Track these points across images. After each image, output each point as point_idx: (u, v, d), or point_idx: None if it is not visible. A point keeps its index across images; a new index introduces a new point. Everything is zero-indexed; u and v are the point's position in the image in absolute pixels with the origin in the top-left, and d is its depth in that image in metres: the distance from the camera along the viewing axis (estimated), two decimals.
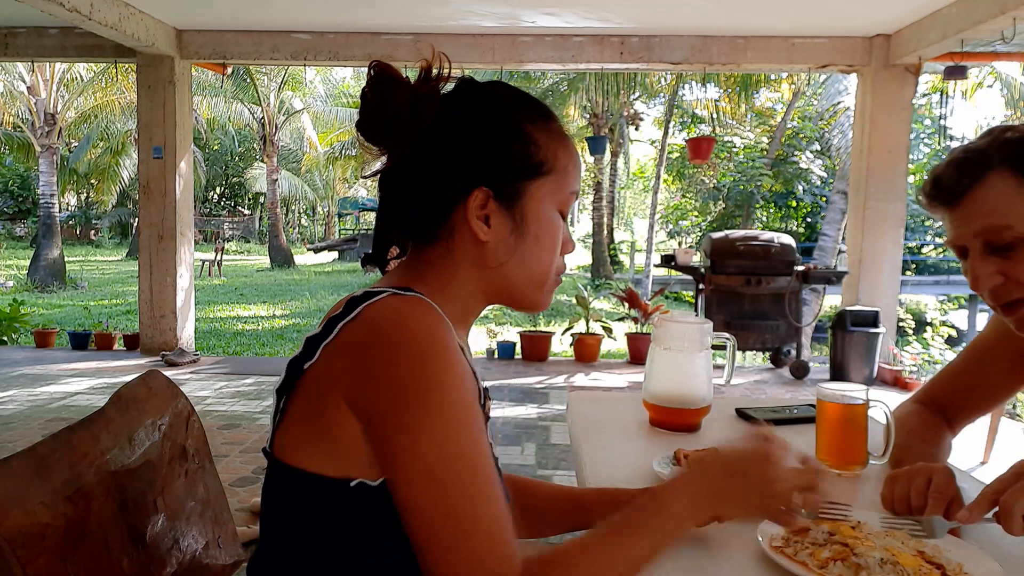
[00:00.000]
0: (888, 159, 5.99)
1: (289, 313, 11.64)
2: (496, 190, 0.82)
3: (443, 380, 0.70)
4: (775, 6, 5.32)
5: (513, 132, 0.83)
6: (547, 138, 0.85)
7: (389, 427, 0.69)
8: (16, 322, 7.07)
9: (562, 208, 0.86)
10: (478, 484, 0.69)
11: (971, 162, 1.00)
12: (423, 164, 0.82)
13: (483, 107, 0.84)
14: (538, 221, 0.84)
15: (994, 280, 1.00)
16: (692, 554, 0.89)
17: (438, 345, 0.70)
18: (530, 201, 0.83)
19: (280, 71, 18.05)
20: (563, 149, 0.86)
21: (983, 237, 0.99)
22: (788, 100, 15.52)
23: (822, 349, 11.59)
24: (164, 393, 1.08)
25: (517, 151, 0.82)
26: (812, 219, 17.83)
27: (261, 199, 27.22)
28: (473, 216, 0.81)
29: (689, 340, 1.32)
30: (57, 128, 13.44)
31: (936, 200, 1.04)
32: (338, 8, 5.59)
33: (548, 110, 0.88)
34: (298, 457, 0.75)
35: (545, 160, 0.84)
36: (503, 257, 0.83)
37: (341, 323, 0.73)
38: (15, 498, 0.77)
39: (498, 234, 0.82)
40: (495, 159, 0.82)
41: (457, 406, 0.70)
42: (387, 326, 0.71)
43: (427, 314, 0.72)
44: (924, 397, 1.29)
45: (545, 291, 0.87)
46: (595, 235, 18.48)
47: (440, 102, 0.82)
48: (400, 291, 0.76)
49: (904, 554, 0.82)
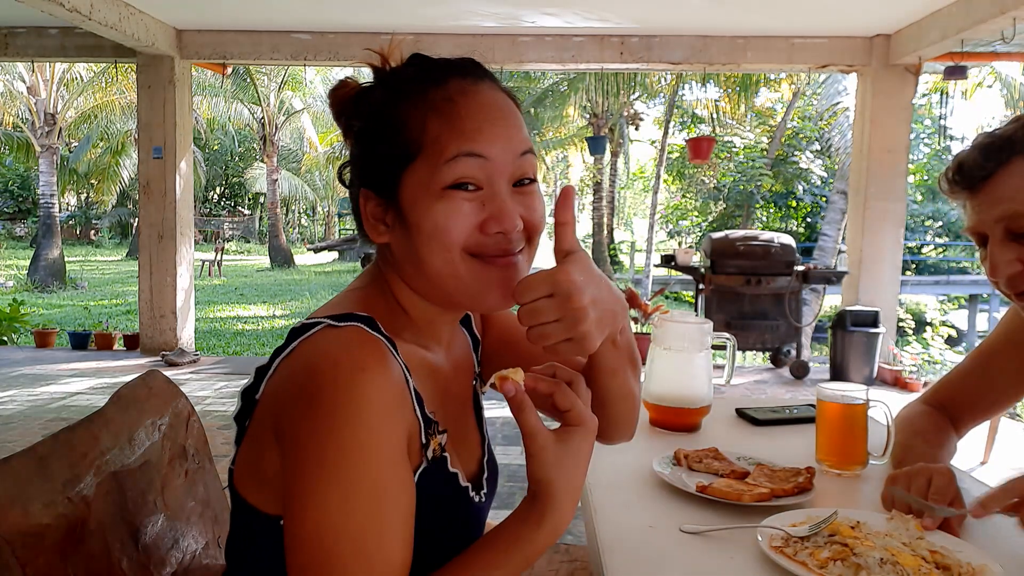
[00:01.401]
0: (888, 159, 5.99)
1: (289, 313, 11.64)
2: (376, 189, 0.76)
3: (353, 443, 0.63)
4: (775, 6, 5.32)
5: (379, 122, 0.75)
6: (416, 112, 0.73)
7: (290, 472, 0.65)
8: (16, 322, 7.07)
9: (449, 180, 0.71)
10: (365, 568, 0.63)
11: (995, 147, 0.99)
12: (349, 170, 0.81)
13: (361, 101, 0.78)
14: (415, 210, 0.72)
15: (1012, 268, 0.98)
16: (692, 554, 0.89)
17: (356, 397, 0.63)
18: (406, 191, 0.73)
19: (280, 71, 18.05)
20: (432, 117, 0.72)
21: (1004, 223, 0.98)
22: (788, 100, 15.52)
23: (822, 349, 11.59)
24: (164, 393, 1.08)
25: (387, 140, 0.74)
26: (812, 219, 17.83)
27: (261, 199, 27.21)
28: (368, 219, 0.77)
29: (689, 340, 1.32)
30: (57, 128, 13.44)
31: (958, 185, 1.03)
32: (338, 8, 5.59)
33: (436, 74, 0.74)
34: (244, 489, 0.74)
35: (411, 140, 0.72)
36: (402, 256, 0.76)
37: (279, 357, 0.70)
38: (15, 498, 0.77)
39: (394, 234, 0.76)
40: (365, 157, 0.77)
41: (360, 478, 0.63)
42: (312, 371, 0.66)
43: (357, 354, 0.66)
44: (932, 398, 1.29)
45: (468, 280, 0.72)
46: (595, 235, 18.50)
47: (349, 102, 0.79)
48: (336, 320, 0.69)
49: (904, 554, 0.82)
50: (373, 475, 0.64)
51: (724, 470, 1.10)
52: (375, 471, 0.64)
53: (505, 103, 0.76)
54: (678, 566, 0.86)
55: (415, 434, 0.72)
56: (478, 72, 0.76)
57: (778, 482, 1.05)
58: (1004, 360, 1.22)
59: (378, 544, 0.64)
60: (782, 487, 1.03)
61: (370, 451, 0.64)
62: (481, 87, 0.75)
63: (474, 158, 0.71)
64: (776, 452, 1.21)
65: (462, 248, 0.72)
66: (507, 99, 0.77)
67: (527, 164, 0.75)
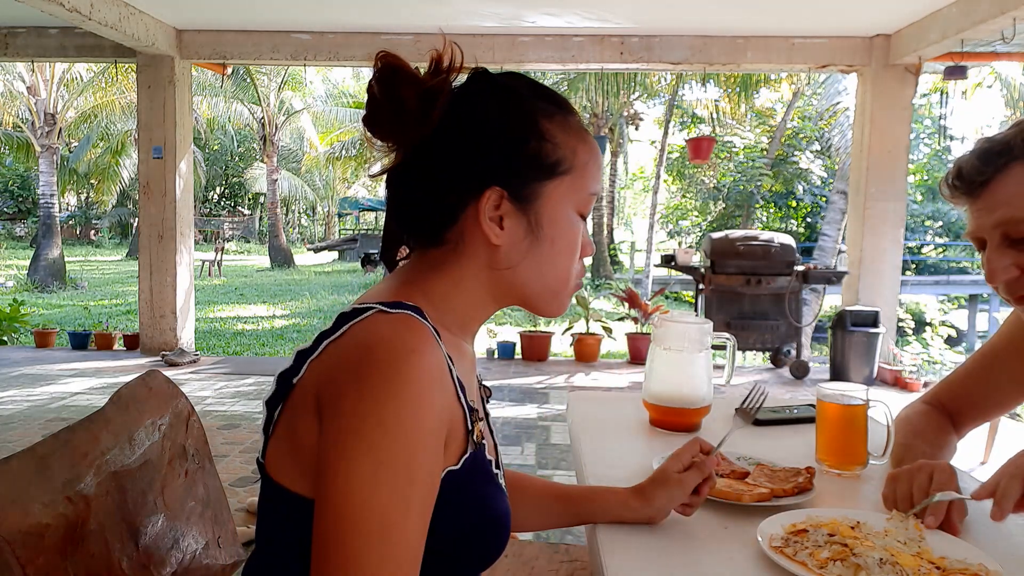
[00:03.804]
0: (888, 159, 5.99)
1: (289, 313, 11.64)
2: (510, 190, 0.78)
3: (393, 418, 0.65)
4: (775, 6, 5.32)
5: (528, 128, 0.78)
6: (565, 135, 0.80)
7: (327, 442, 0.67)
8: (16, 322, 7.07)
9: (581, 209, 0.82)
10: (385, 544, 0.64)
11: (994, 152, 0.99)
12: (433, 162, 0.78)
13: (497, 101, 0.79)
14: (554, 224, 0.80)
15: (1010, 273, 0.98)
16: (692, 554, 0.89)
17: (403, 376, 0.66)
18: (547, 203, 0.79)
19: (280, 71, 18.05)
20: (582, 146, 0.81)
21: (1001, 229, 0.98)
22: (788, 100, 15.52)
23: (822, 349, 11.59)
24: (164, 393, 1.08)
25: (532, 149, 0.78)
26: (812, 219, 17.84)
27: (261, 199, 27.23)
28: (485, 217, 0.77)
29: (689, 340, 1.32)
30: (57, 128, 13.44)
31: (958, 190, 1.03)
32: (338, 8, 5.59)
33: (567, 103, 0.83)
34: (279, 473, 0.74)
35: (563, 159, 0.79)
36: (516, 260, 0.79)
37: (327, 340, 0.71)
38: (15, 498, 0.77)
39: (512, 237, 0.78)
40: (509, 157, 0.78)
41: (395, 453, 0.65)
42: (364, 348, 0.69)
43: (409, 337, 0.69)
44: (933, 399, 1.29)
45: (563, 296, 0.84)
46: (595, 235, 18.46)
47: (451, 95, 0.78)
48: (388, 307, 0.72)
49: (904, 554, 0.82)
50: (407, 453, 0.66)
51: (724, 470, 1.10)
52: (410, 449, 0.66)
53: None
54: (678, 566, 0.86)
55: (459, 422, 0.75)
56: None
57: (778, 482, 1.05)
58: (1007, 363, 1.21)
59: (402, 522, 0.65)
60: (782, 487, 1.03)
61: (408, 429, 0.66)
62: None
63: (595, 197, 0.84)
64: (776, 452, 1.21)
65: (574, 269, 0.84)
66: None
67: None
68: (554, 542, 1.39)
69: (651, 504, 0.95)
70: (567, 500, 1.02)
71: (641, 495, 0.96)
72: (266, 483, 0.76)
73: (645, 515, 0.96)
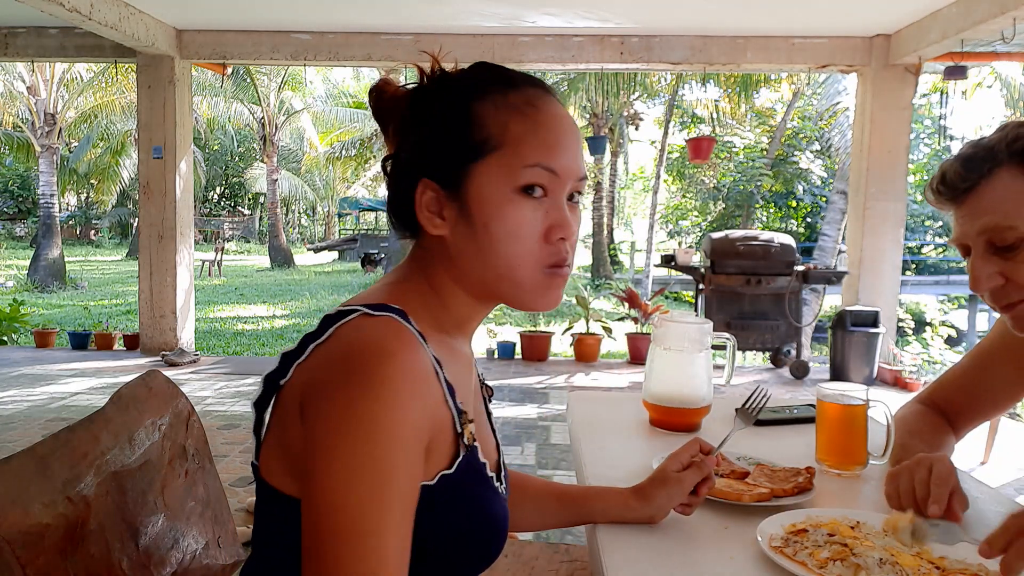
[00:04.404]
0: (888, 159, 5.99)
1: (289, 313, 11.64)
2: (440, 179, 0.77)
3: (368, 418, 0.65)
4: (775, 6, 5.32)
5: (455, 113, 0.77)
6: (496, 111, 0.76)
7: (309, 444, 0.67)
8: (16, 322, 7.07)
9: (528, 182, 0.75)
10: (363, 545, 0.64)
11: (979, 158, 0.97)
12: (392, 164, 0.82)
13: (431, 93, 0.80)
14: (483, 206, 0.75)
15: (994, 281, 0.98)
16: (692, 554, 0.89)
17: (380, 378, 0.66)
18: (473, 185, 0.75)
19: (280, 71, 18.05)
20: (517, 118, 0.76)
21: (986, 236, 0.97)
22: (788, 100, 15.52)
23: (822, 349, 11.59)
24: (164, 393, 1.08)
25: (456, 133, 0.76)
26: (812, 219, 17.83)
27: (261, 199, 27.23)
28: (423, 210, 0.77)
29: (689, 340, 1.32)
30: (57, 128, 13.44)
31: (942, 196, 1.02)
32: (338, 8, 5.59)
33: (513, 79, 0.79)
34: (272, 476, 0.74)
35: (489, 136, 0.75)
36: (464, 250, 0.77)
37: (313, 344, 0.72)
38: (15, 498, 0.77)
39: (453, 227, 0.77)
40: (435, 146, 0.77)
41: (368, 453, 0.65)
42: (344, 350, 0.69)
43: (389, 339, 0.69)
44: (927, 399, 1.29)
45: (529, 284, 0.77)
46: (595, 235, 18.48)
47: (409, 98, 0.81)
48: (372, 309, 0.72)
49: (904, 554, 0.82)
50: (384, 454, 0.65)
51: (724, 470, 1.10)
52: (386, 451, 0.65)
53: (573, 121, 0.81)
54: (678, 566, 0.86)
55: (448, 425, 0.74)
56: (547, 87, 0.81)
57: (778, 482, 1.05)
58: (999, 363, 1.21)
59: (379, 523, 0.65)
60: (782, 487, 1.03)
61: (384, 430, 0.65)
62: (552, 100, 0.79)
63: (548, 172, 0.75)
64: (776, 452, 1.21)
65: (531, 255, 0.76)
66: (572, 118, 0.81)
67: (583, 184, 0.81)
68: (554, 542, 1.39)
69: (651, 503, 0.95)
70: (567, 500, 1.02)
71: (641, 494, 0.96)
72: (260, 486, 0.76)
73: (646, 514, 0.96)
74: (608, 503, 0.98)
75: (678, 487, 0.94)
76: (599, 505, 0.98)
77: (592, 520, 0.99)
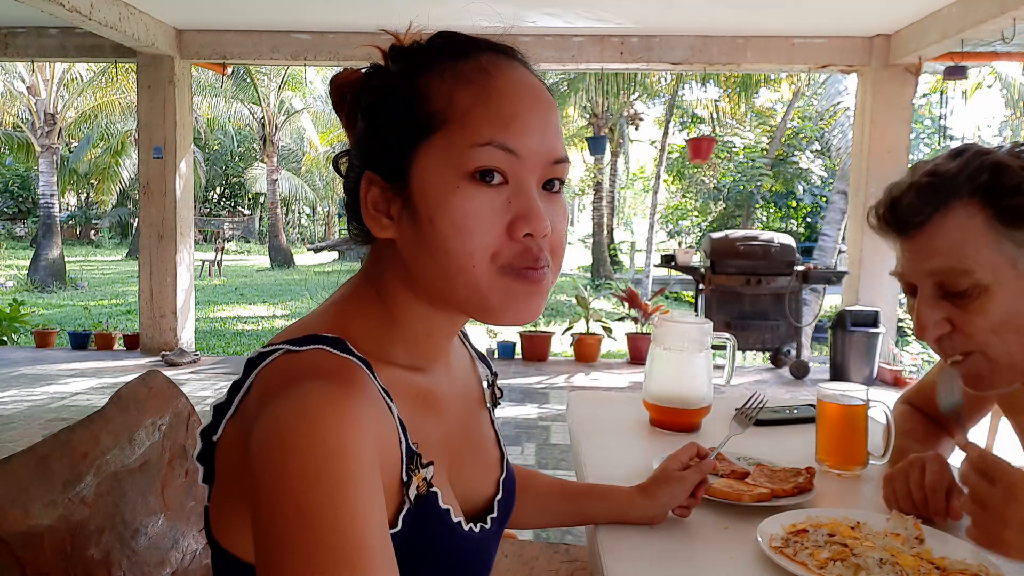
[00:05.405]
0: (888, 159, 5.99)
1: (289, 313, 11.63)
2: (383, 171, 0.63)
3: (316, 492, 0.51)
4: (775, 6, 5.32)
5: (398, 91, 0.64)
6: (441, 82, 0.62)
7: (255, 509, 0.53)
8: (16, 322, 7.07)
9: (480, 165, 0.60)
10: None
11: (935, 188, 0.88)
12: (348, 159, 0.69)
13: (381, 75, 0.67)
14: (425, 196, 0.61)
15: (940, 328, 0.90)
16: (692, 554, 0.89)
17: (313, 442, 0.52)
18: (415, 172, 0.61)
19: (280, 71, 18.04)
20: (464, 89, 0.62)
21: (936, 279, 0.88)
22: (788, 100, 15.52)
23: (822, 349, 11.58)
24: (164, 393, 1.08)
25: (398, 113, 0.63)
26: (812, 219, 17.83)
27: (261, 199, 27.22)
28: (367, 209, 0.64)
29: (689, 340, 1.32)
30: (57, 128, 13.44)
31: (889, 225, 0.92)
32: (338, 8, 5.59)
33: (467, 46, 0.67)
34: (218, 533, 0.63)
35: (433, 113, 0.61)
36: (415, 253, 0.63)
37: (239, 395, 0.60)
38: (15, 498, 0.77)
39: (400, 226, 0.63)
40: (373, 131, 0.65)
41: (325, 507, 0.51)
42: (266, 400, 0.56)
43: (313, 387, 0.55)
44: (913, 398, 1.28)
45: (486, 291, 0.61)
46: (595, 235, 18.48)
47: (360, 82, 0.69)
48: (296, 344, 0.60)
49: (904, 554, 0.82)
50: (341, 525, 0.51)
51: (724, 470, 1.10)
52: (346, 521, 0.51)
53: (544, 90, 0.66)
54: (678, 566, 0.86)
55: (395, 471, 0.61)
56: (513, 53, 0.68)
57: (778, 482, 1.06)
58: None
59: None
60: (782, 487, 1.03)
61: (336, 500, 0.51)
62: (517, 66, 0.66)
63: (506, 152, 0.60)
64: (776, 452, 1.21)
65: (486, 253, 0.61)
66: (545, 88, 0.67)
67: (561, 169, 0.65)
68: (554, 542, 1.39)
69: (656, 501, 0.95)
70: (572, 498, 1.01)
71: (645, 493, 0.96)
72: (211, 542, 0.64)
73: (650, 513, 0.96)
74: (613, 501, 0.97)
75: (680, 485, 0.94)
76: (604, 503, 0.98)
77: (595, 519, 0.98)
